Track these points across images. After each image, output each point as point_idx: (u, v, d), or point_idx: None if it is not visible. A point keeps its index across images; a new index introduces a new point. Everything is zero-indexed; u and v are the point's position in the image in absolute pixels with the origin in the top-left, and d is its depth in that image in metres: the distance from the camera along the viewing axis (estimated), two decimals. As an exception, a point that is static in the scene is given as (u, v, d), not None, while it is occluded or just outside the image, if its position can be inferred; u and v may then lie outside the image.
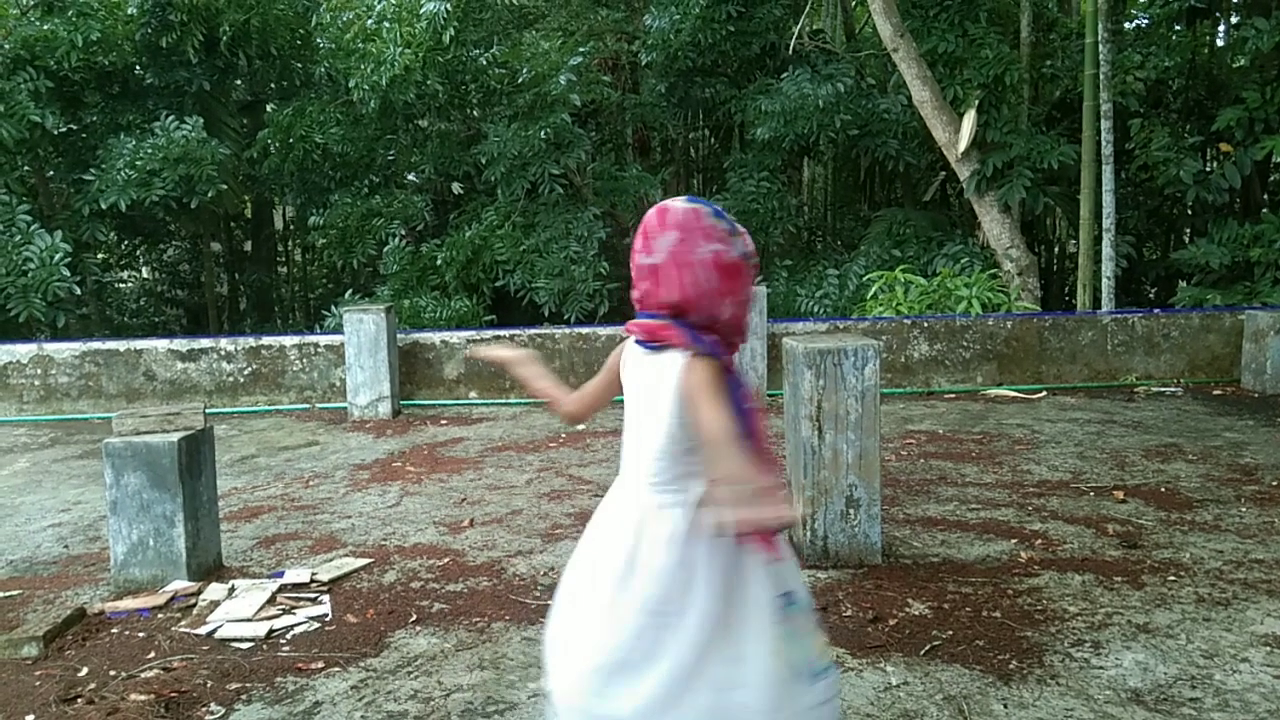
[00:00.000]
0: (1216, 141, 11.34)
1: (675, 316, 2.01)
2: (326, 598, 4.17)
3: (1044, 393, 8.66)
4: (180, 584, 4.30)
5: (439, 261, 12.20)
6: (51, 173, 13.07)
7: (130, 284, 18.22)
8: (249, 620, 3.90)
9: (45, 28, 11.47)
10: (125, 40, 12.25)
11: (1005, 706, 3.06)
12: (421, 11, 11.41)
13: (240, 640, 3.74)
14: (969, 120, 10.84)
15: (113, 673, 3.49)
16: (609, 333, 9.00)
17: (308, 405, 9.02)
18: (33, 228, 11.09)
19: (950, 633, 3.61)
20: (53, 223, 11.81)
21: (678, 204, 2.06)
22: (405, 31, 11.44)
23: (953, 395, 8.76)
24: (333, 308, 12.26)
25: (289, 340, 9.19)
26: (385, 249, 12.58)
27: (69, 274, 10.96)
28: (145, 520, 4.33)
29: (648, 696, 1.94)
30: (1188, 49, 12.60)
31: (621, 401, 2.18)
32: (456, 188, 14.63)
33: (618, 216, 12.63)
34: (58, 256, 10.90)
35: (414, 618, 3.94)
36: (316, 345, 9.09)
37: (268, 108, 14.91)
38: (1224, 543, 4.53)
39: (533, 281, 11.87)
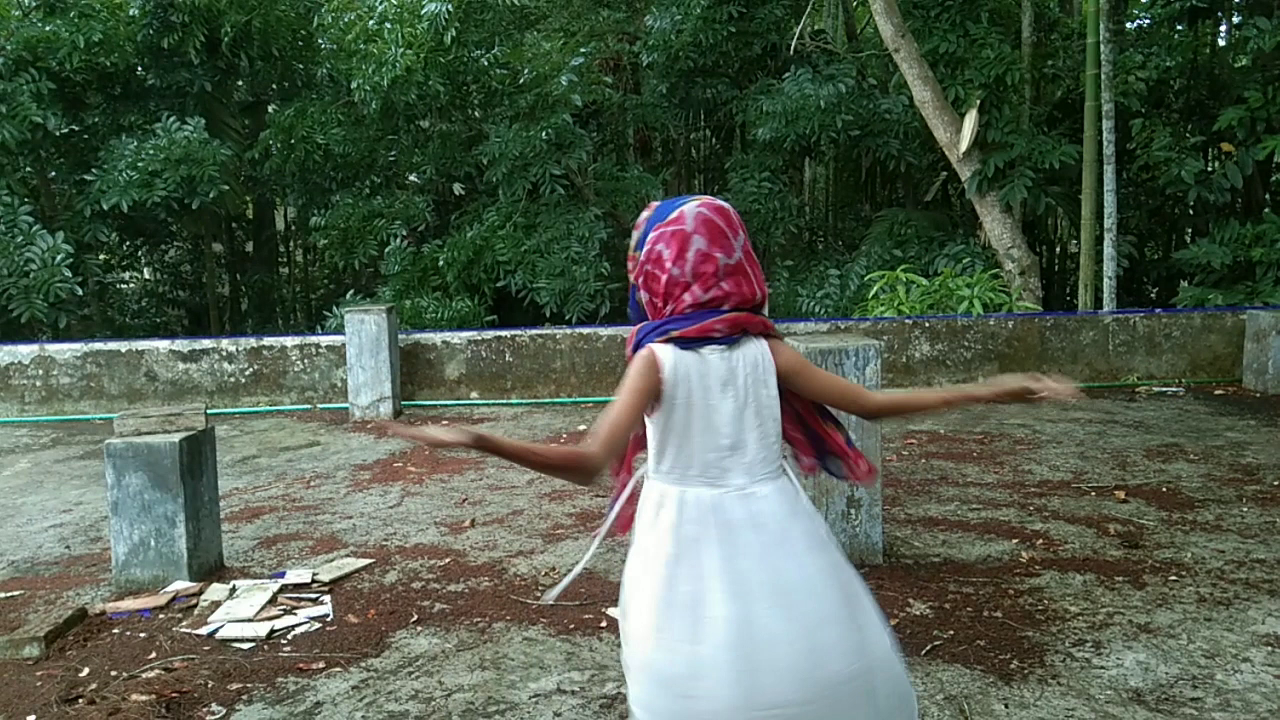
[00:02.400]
0: (1218, 141, 11.32)
1: (754, 309, 2.09)
2: (327, 598, 4.17)
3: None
4: (181, 584, 4.30)
5: (440, 262, 12.20)
6: (53, 174, 13.08)
7: (132, 285, 18.22)
8: (250, 620, 3.90)
9: (47, 29, 11.48)
10: (127, 41, 12.26)
11: (1006, 706, 3.06)
12: (423, 12, 11.41)
13: (241, 640, 3.74)
14: (970, 120, 10.84)
15: (114, 673, 3.49)
16: (610, 333, 9.00)
17: (309, 406, 9.02)
18: (34, 229, 11.10)
19: (951, 632, 3.61)
20: (54, 224, 11.82)
21: (725, 203, 2.12)
22: (406, 32, 11.44)
23: (954, 395, 8.75)
24: (334, 308, 12.25)
25: (290, 341, 9.20)
26: (387, 250, 12.58)
27: (70, 275, 10.96)
28: (146, 521, 4.34)
29: (887, 644, 2.08)
30: (1189, 49, 12.59)
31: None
32: (458, 188, 14.64)
33: (619, 217, 12.62)
34: (59, 257, 10.90)
35: (415, 618, 3.94)
36: (318, 346, 9.09)
37: (269, 109, 14.91)
38: (1225, 542, 4.53)
39: (534, 282, 11.87)
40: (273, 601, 4.11)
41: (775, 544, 2.01)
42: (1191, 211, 12.93)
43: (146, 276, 18.64)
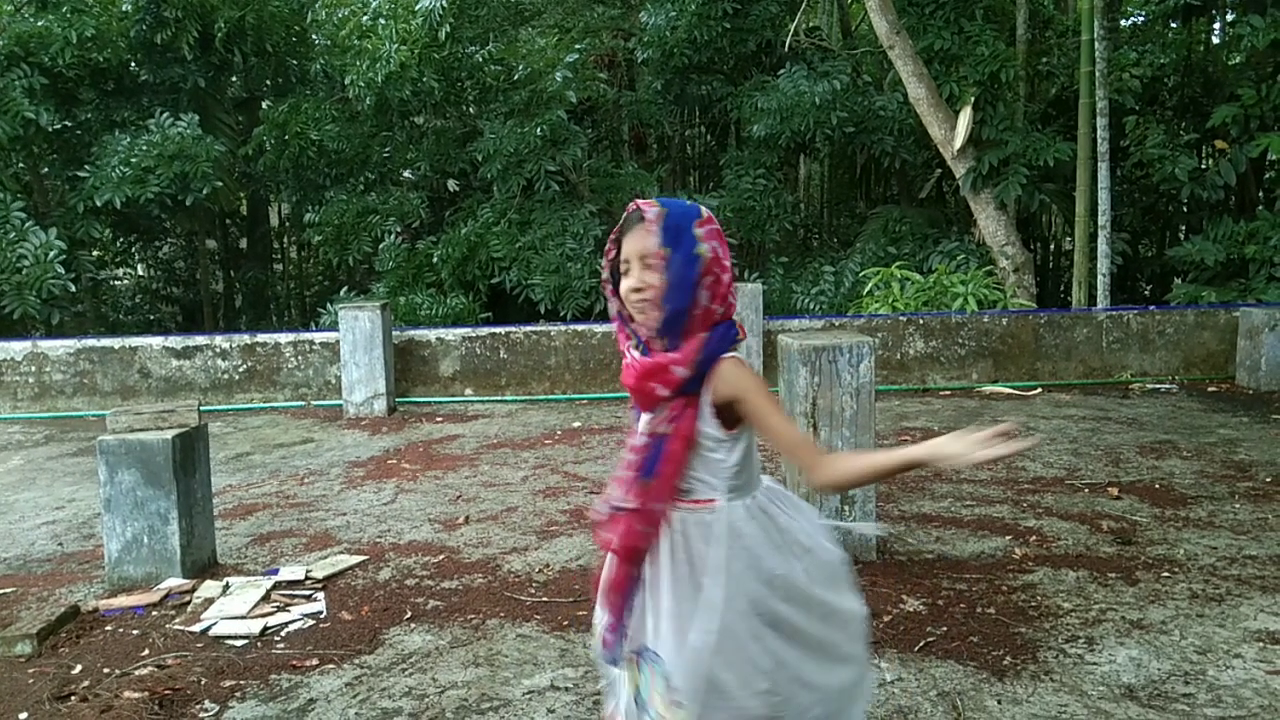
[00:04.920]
0: (1212, 139, 11.35)
1: None
2: (321, 595, 4.16)
3: (1039, 390, 8.67)
4: (174, 581, 4.29)
5: (435, 259, 12.19)
6: (46, 170, 13.04)
7: (125, 281, 18.17)
8: (243, 617, 3.89)
9: (39, 24, 11.44)
10: (120, 37, 12.22)
11: (999, 702, 3.06)
12: (417, 8, 11.39)
13: (234, 637, 3.74)
14: (965, 117, 10.85)
15: (106, 670, 3.48)
16: (605, 330, 9.00)
17: (303, 403, 9.01)
18: (27, 225, 11.07)
19: (945, 629, 3.61)
20: (47, 220, 11.79)
21: None
22: (401, 28, 11.42)
23: (948, 392, 8.77)
24: (328, 305, 12.25)
25: (284, 337, 9.18)
26: (381, 246, 12.56)
27: (64, 271, 10.94)
28: (139, 518, 4.32)
29: None
30: (1183, 46, 12.62)
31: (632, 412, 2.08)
32: (452, 185, 14.62)
33: (614, 214, 12.61)
34: (52, 254, 10.88)
35: (409, 615, 3.93)
36: (312, 342, 9.08)
37: (263, 105, 14.89)
38: (1218, 539, 4.54)
39: (529, 279, 11.86)
40: (266, 598, 4.10)
41: (797, 509, 2.09)
42: (1185, 209, 12.96)
43: (140, 273, 18.60)
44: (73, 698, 3.26)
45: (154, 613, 4.03)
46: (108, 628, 3.88)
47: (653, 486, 1.93)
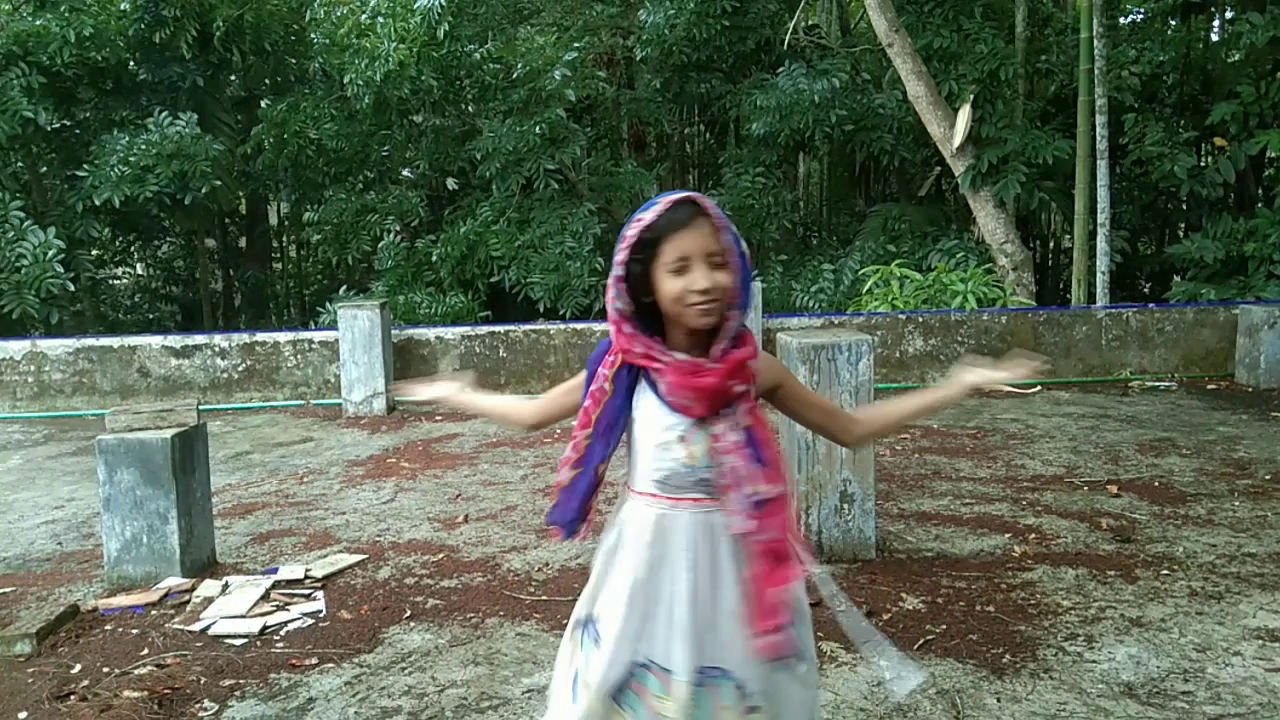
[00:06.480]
0: (1211, 136, 11.35)
1: None
2: (320, 594, 4.16)
3: (1038, 388, 8.67)
4: (174, 581, 4.29)
5: (434, 257, 12.19)
6: (45, 169, 13.04)
7: (124, 280, 18.16)
8: (243, 617, 3.89)
9: (38, 23, 11.43)
10: (118, 36, 12.21)
11: (998, 700, 3.06)
12: (416, 6, 11.38)
13: (234, 637, 3.74)
14: (964, 115, 10.84)
15: (106, 670, 3.48)
16: (604, 329, 8.98)
17: (302, 401, 9.00)
18: (26, 224, 11.06)
19: (944, 627, 3.62)
20: (46, 219, 11.78)
21: None
22: (400, 27, 11.41)
23: (948, 390, 8.76)
24: (327, 304, 12.24)
25: (283, 336, 9.17)
26: (380, 245, 12.56)
27: (63, 270, 10.93)
28: (139, 517, 4.32)
29: None
30: (1182, 44, 12.61)
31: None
32: (451, 183, 14.61)
33: (613, 212, 12.62)
34: (51, 253, 10.87)
35: (408, 614, 3.93)
36: (311, 341, 9.07)
37: (262, 103, 14.87)
38: (1217, 537, 4.54)
39: (528, 277, 11.86)
40: (265, 598, 4.10)
41: None
42: (1184, 206, 12.97)
43: (139, 272, 18.59)
44: (72, 697, 3.26)
45: (153, 612, 4.03)
46: (107, 627, 3.88)
47: (771, 474, 1.87)
